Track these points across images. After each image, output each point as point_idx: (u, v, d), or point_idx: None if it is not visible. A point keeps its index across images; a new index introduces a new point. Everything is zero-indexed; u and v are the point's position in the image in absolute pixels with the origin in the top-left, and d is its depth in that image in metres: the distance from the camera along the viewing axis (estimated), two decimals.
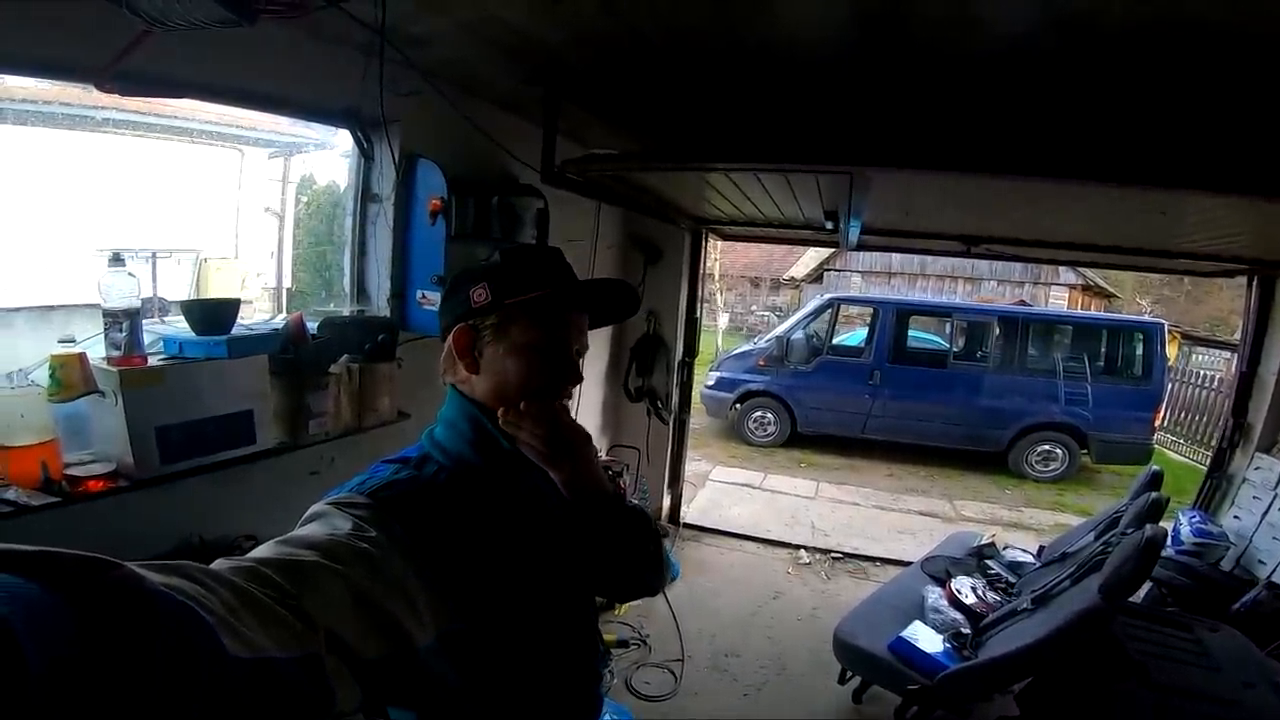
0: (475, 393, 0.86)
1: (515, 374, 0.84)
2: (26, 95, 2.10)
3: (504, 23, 1.49)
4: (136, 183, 2.80)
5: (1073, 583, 2.39)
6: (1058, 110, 1.69)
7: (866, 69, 1.56)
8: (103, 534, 1.29)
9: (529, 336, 0.84)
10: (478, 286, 0.84)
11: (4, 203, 2.36)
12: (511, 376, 0.84)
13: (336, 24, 1.31)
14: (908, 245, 4.31)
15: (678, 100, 1.97)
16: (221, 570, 0.52)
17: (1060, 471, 6.97)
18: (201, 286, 2.87)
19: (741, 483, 5.92)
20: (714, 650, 3.18)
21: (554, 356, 0.86)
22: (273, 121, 3.01)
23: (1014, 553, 3.40)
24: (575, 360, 0.89)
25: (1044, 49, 1.35)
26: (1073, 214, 2.59)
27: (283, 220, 3.28)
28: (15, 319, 2.26)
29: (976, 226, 3.30)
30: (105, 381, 1.33)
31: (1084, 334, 7.51)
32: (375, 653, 0.59)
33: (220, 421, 1.51)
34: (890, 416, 7.27)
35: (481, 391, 0.86)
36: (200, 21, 1.01)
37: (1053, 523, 5.58)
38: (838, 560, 4.31)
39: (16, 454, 1.23)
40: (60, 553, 0.38)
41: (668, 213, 3.53)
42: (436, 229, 2.01)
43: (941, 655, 2.39)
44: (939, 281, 15.44)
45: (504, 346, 0.84)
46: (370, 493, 0.73)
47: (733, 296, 18.92)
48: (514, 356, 0.84)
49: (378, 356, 1.93)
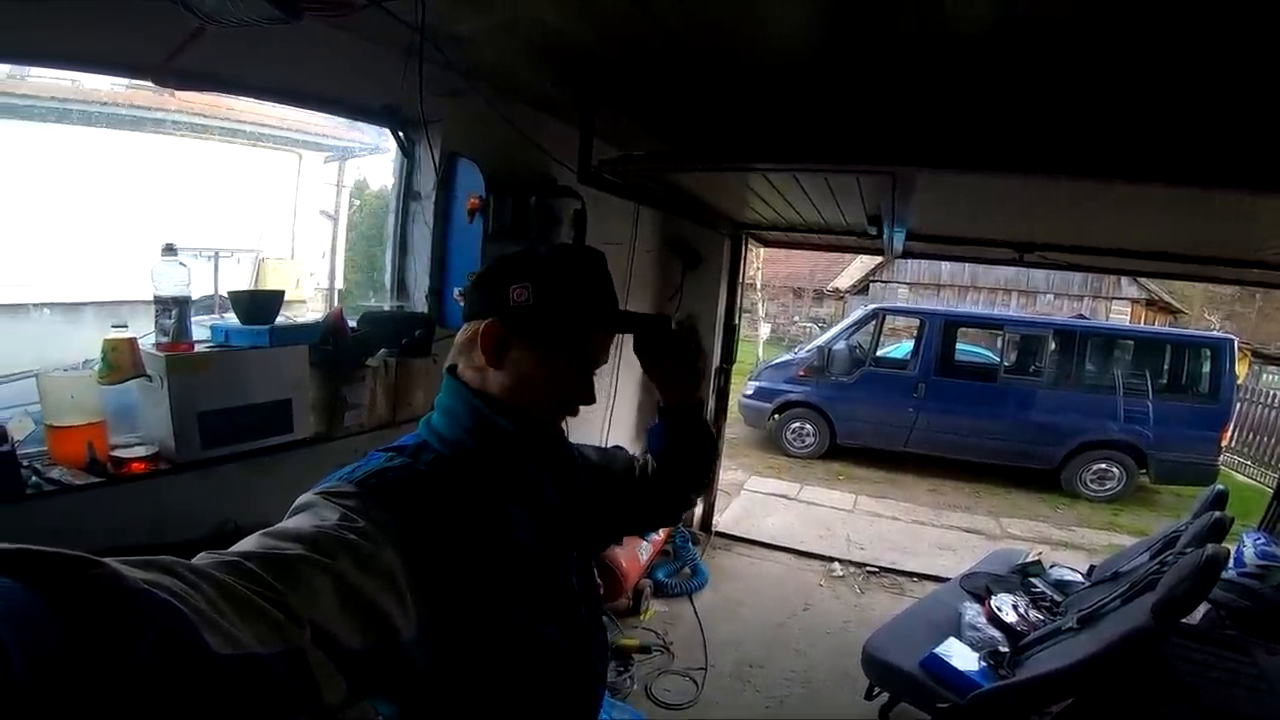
0: (485, 385, 0.85)
1: (541, 381, 0.84)
2: (98, 97, 2.23)
3: (541, 23, 1.50)
4: (202, 184, 2.94)
5: (1123, 602, 2.27)
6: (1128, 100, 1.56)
7: (906, 61, 1.50)
8: (141, 515, 1.34)
9: (563, 350, 0.84)
10: (519, 285, 0.82)
11: (77, 201, 2.52)
12: (535, 382, 0.83)
13: (378, 23, 1.34)
14: (956, 252, 4.18)
15: (713, 100, 1.94)
16: (204, 565, 0.51)
17: (1116, 491, 6.67)
18: (260, 285, 2.99)
19: (777, 493, 5.83)
20: (738, 660, 3.12)
21: (581, 373, 0.87)
22: (328, 125, 3.12)
23: (1061, 571, 3.23)
24: (592, 380, 0.90)
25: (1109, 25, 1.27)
26: (1140, 218, 2.44)
27: (336, 222, 3.40)
28: (84, 312, 2.39)
29: (1029, 232, 3.16)
30: (153, 366, 1.39)
31: (1146, 349, 7.16)
32: (360, 644, 0.58)
33: (259, 409, 1.56)
34: (935, 431, 7.07)
35: (495, 386, 0.84)
36: (250, 19, 1.04)
37: (1105, 543, 5.33)
38: (873, 574, 4.20)
39: (65, 434, 1.29)
40: (41, 550, 0.37)
41: (706, 216, 3.51)
42: (474, 228, 2.04)
43: (976, 674, 2.30)
44: (991, 294, 14.94)
45: (534, 351, 0.83)
46: (359, 481, 0.72)
47: (775, 307, 18.71)
48: (543, 364, 0.83)
49: (414, 352, 1.96)
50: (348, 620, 0.58)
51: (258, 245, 3.41)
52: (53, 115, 2.12)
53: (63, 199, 2.42)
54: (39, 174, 2.26)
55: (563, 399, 0.87)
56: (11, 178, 2.18)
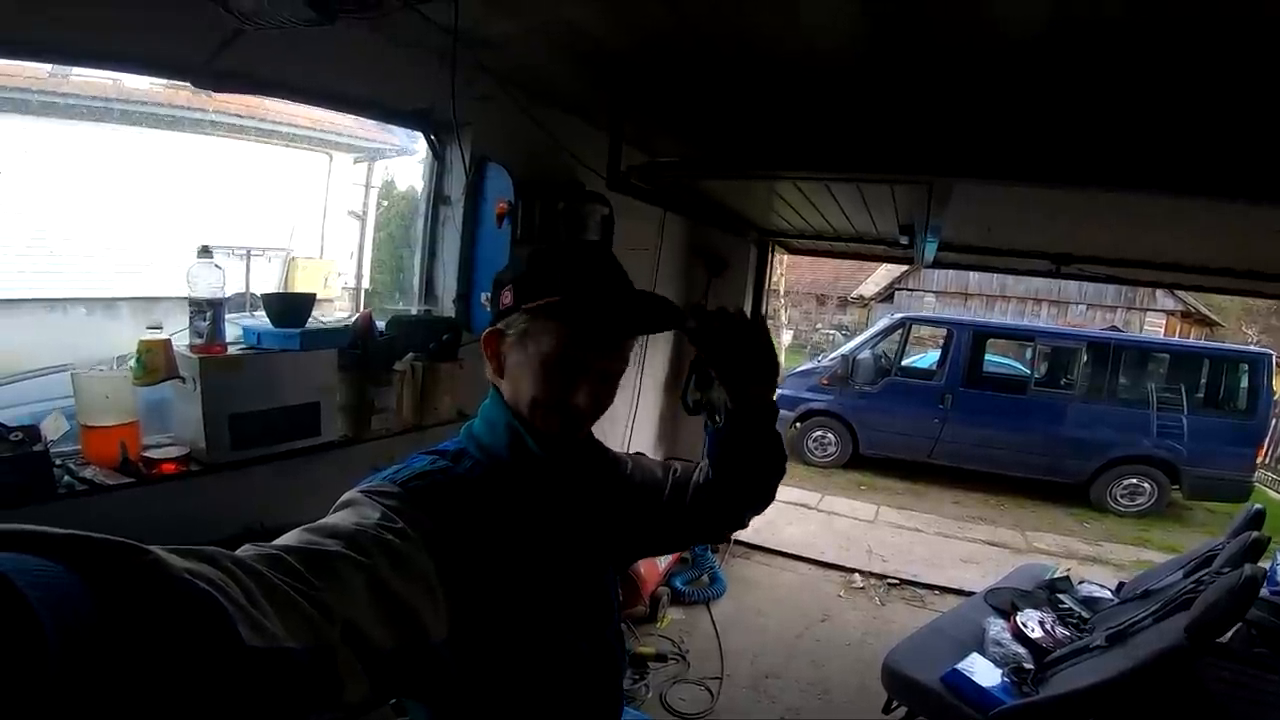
0: (505, 396, 0.84)
1: (525, 384, 0.81)
2: (139, 96, 2.27)
3: (571, 26, 1.49)
4: (235, 183, 2.99)
5: (1155, 620, 2.22)
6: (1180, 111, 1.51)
7: (947, 65, 1.47)
8: (171, 516, 1.35)
9: (540, 346, 0.79)
10: (506, 289, 0.82)
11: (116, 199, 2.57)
12: (522, 386, 0.81)
13: (412, 26, 1.34)
14: (991, 263, 4.11)
15: (745, 106, 1.92)
16: (246, 557, 0.52)
17: (1147, 506, 6.53)
18: (289, 283, 3.03)
19: (797, 502, 5.76)
20: (754, 670, 3.09)
21: (565, 370, 0.79)
22: (358, 127, 3.16)
23: (1090, 587, 3.16)
24: (593, 379, 0.81)
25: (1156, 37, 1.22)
26: (1185, 231, 2.37)
27: (364, 223, 3.44)
28: (121, 308, 2.44)
29: (1068, 244, 3.09)
30: (187, 368, 1.40)
31: (1181, 363, 6.99)
32: (390, 644, 0.59)
33: (289, 412, 1.57)
34: (961, 442, 6.95)
35: (508, 396, 0.84)
36: (288, 20, 1.05)
37: (1135, 559, 5.19)
38: (894, 586, 4.14)
39: (98, 434, 1.31)
40: (91, 537, 0.38)
41: (734, 223, 3.48)
42: (502, 232, 2.03)
43: (998, 689, 2.24)
44: (1020, 304, 14.66)
45: (521, 354, 0.81)
46: (403, 483, 0.73)
47: (798, 314, 18.55)
48: (527, 366, 0.80)
49: (441, 356, 1.96)
50: (380, 620, 0.58)
51: (288, 244, 3.45)
52: (94, 114, 2.17)
53: (102, 196, 2.47)
54: (80, 172, 2.32)
55: (547, 401, 0.80)
56: (53, 175, 2.23)
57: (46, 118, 2.02)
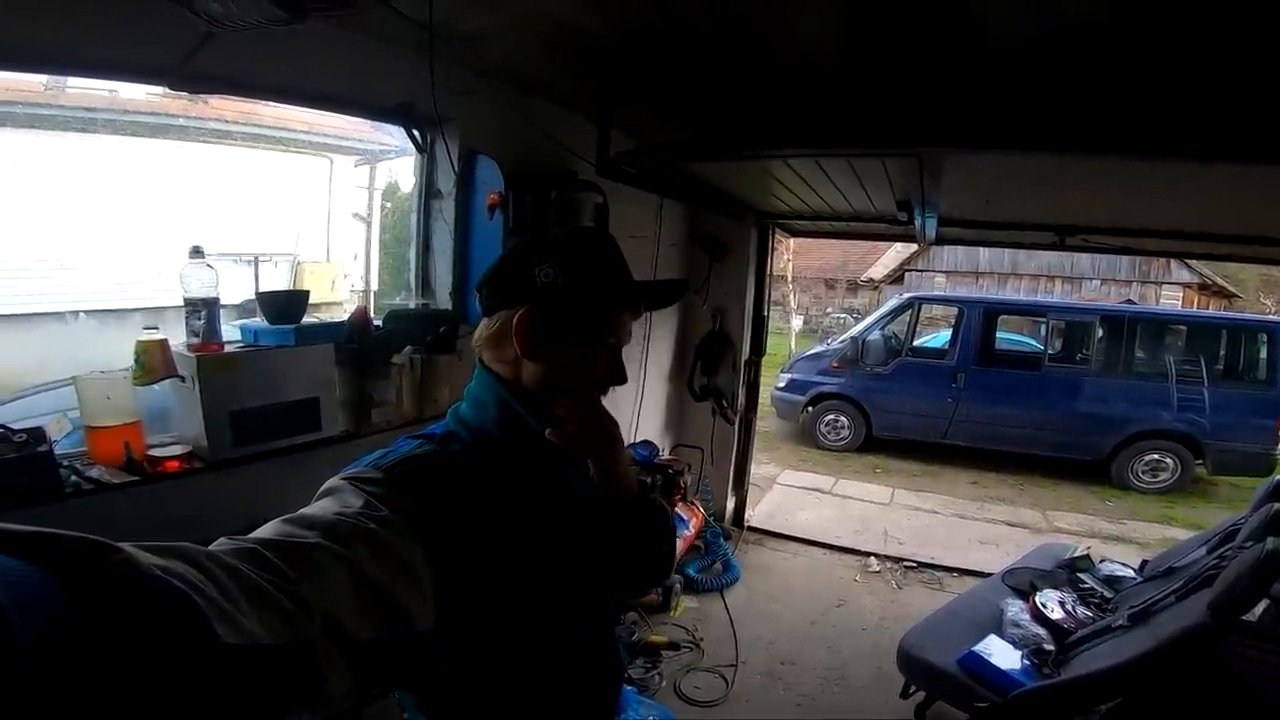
0: (519, 376, 0.83)
1: (577, 363, 0.82)
2: (135, 106, 2.31)
3: (551, 17, 1.49)
4: (241, 190, 3.03)
5: (1178, 599, 2.18)
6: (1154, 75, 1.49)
7: (930, 43, 1.45)
8: (176, 513, 1.37)
9: (596, 327, 0.82)
10: (544, 266, 0.79)
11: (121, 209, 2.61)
12: (572, 364, 0.81)
13: (388, 22, 1.35)
14: (994, 238, 4.04)
15: (731, 88, 1.91)
16: (221, 552, 0.51)
17: (1170, 482, 6.39)
18: (297, 287, 3.07)
19: (811, 487, 5.74)
20: (770, 657, 3.08)
21: (614, 350, 0.85)
22: (357, 129, 3.18)
23: (1112, 566, 3.10)
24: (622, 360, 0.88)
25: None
26: (1181, 197, 2.33)
27: (369, 225, 3.47)
28: (131, 318, 2.49)
29: (1070, 215, 3.04)
30: (185, 367, 1.43)
31: (1200, 335, 6.85)
32: (371, 635, 0.58)
33: (289, 408, 1.59)
34: (976, 421, 6.86)
35: (528, 376, 0.82)
36: (257, 20, 1.06)
37: (1159, 536, 5.10)
38: (910, 569, 4.10)
39: (102, 434, 1.34)
40: (59, 534, 0.37)
41: (731, 207, 3.46)
42: (495, 224, 2.05)
43: (1018, 672, 2.22)
44: (1033, 281, 14.44)
45: (566, 335, 0.80)
46: (387, 468, 0.72)
47: (807, 299, 18.42)
48: (577, 343, 0.81)
49: (439, 348, 1.98)
50: (361, 611, 0.57)
51: (295, 249, 3.50)
52: (93, 124, 2.21)
53: (105, 207, 2.52)
54: (82, 183, 2.36)
55: (599, 379, 0.85)
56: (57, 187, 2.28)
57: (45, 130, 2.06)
